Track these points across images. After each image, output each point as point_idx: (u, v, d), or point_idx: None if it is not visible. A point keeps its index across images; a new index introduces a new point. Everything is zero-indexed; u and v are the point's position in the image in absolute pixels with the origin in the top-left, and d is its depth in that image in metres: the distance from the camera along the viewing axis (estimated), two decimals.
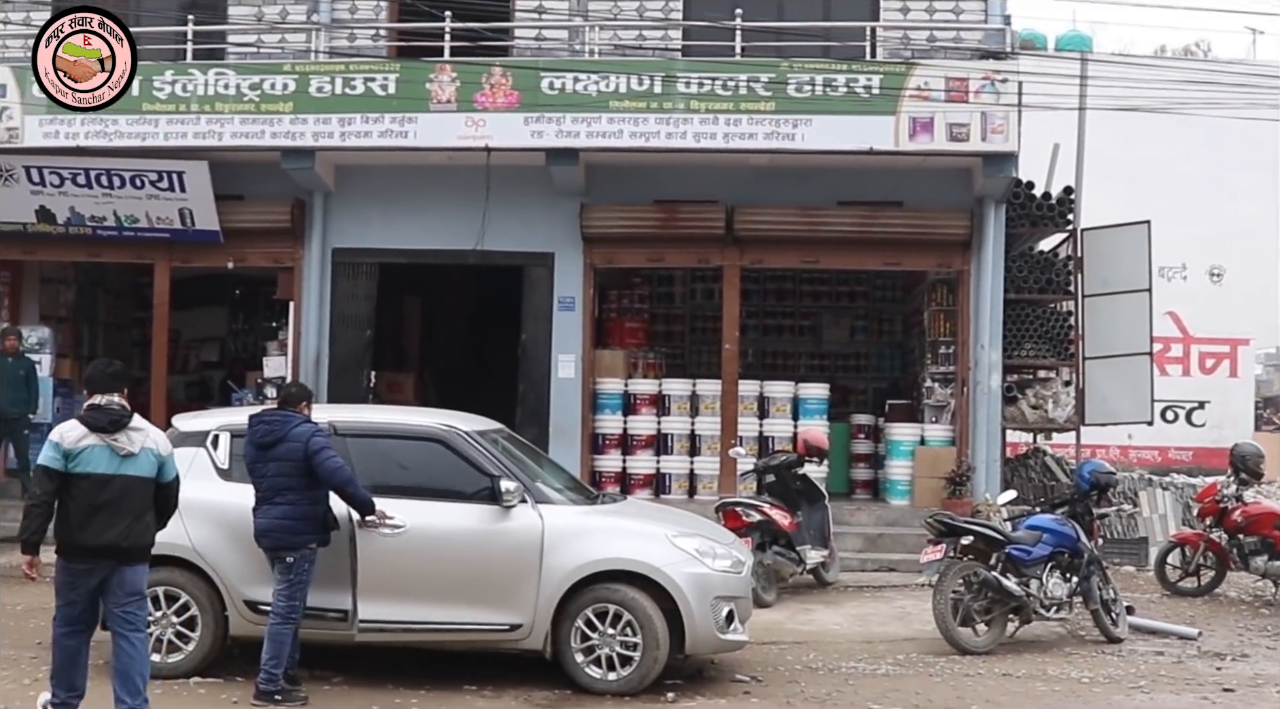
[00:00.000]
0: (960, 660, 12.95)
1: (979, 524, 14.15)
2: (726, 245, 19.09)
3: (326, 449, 10.95)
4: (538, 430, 18.87)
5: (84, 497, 9.40)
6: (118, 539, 9.44)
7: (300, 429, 11.06)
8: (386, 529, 11.17)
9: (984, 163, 17.92)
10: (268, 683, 10.88)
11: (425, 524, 11.34)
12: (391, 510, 11.20)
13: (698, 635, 11.31)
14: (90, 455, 9.44)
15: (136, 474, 9.55)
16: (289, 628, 10.96)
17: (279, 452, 11.03)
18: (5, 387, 19.19)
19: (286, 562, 10.92)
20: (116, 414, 9.57)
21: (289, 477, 11.00)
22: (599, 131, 17.99)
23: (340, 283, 19.73)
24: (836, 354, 23.82)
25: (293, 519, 10.96)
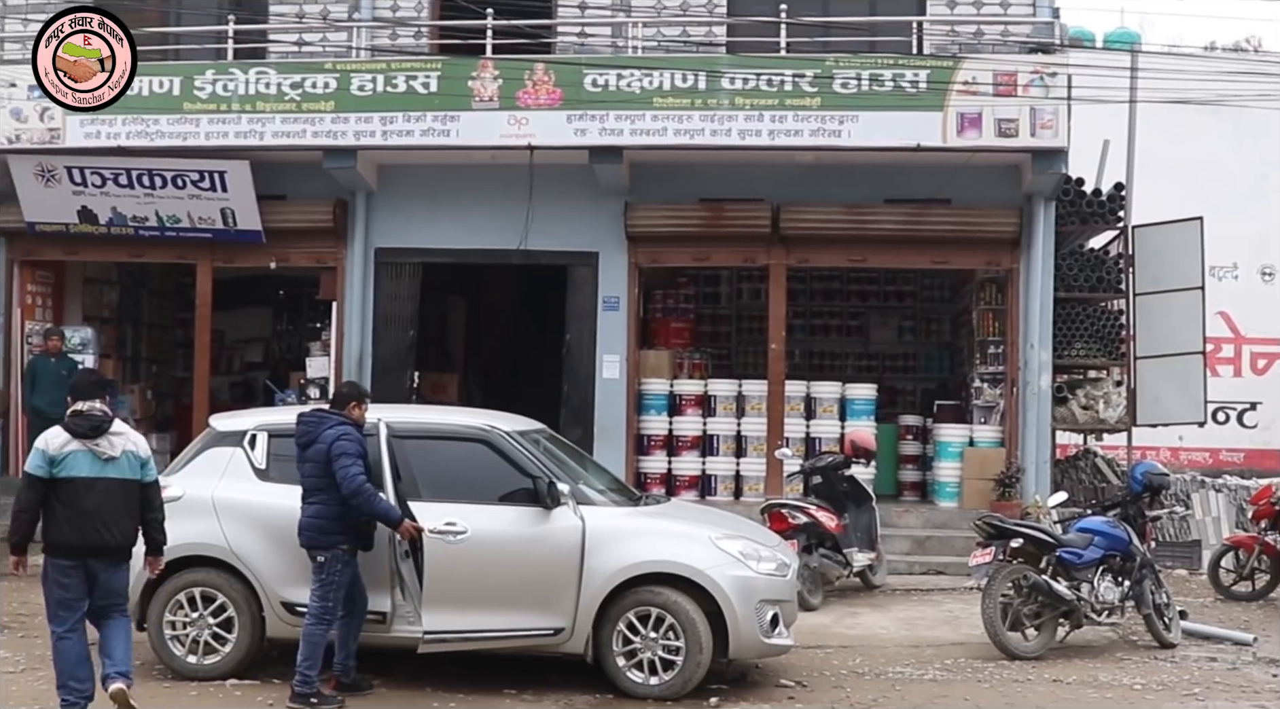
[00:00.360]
0: (1009, 666, 12.68)
1: (1029, 526, 13.87)
2: (772, 244, 18.88)
3: (346, 456, 10.75)
4: (582, 431, 18.76)
5: (69, 500, 9.81)
6: (101, 539, 9.86)
7: (329, 432, 10.92)
8: (442, 537, 10.96)
9: (1033, 159, 17.67)
10: (303, 685, 10.75)
11: (480, 528, 11.12)
12: (450, 516, 11.05)
13: (741, 640, 11.08)
14: (73, 460, 9.86)
15: (119, 477, 9.97)
16: (322, 629, 10.83)
17: (310, 452, 10.94)
18: (48, 387, 19.13)
19: (318, 561, 10.80)
20: (98, 420, 9.96)
21: (318, 477, 10.90)
22: (643, 129, 17.83)
23: (383, 283, 19.62)
24: (884, 354, 23.59)
25: (323, 519, 10.85)
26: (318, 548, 10.83)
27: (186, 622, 11.47)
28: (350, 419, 11.12)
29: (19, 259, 20.52)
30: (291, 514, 11.28)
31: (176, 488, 11.64)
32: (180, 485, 11.70)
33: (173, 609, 11.49)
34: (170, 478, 11.90)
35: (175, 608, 11.50)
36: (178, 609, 11.49)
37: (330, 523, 10.83)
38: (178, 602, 11.49)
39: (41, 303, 21.06)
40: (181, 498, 11.56)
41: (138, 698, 10.06)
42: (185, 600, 11.48)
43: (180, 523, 11.34)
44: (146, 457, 10.23)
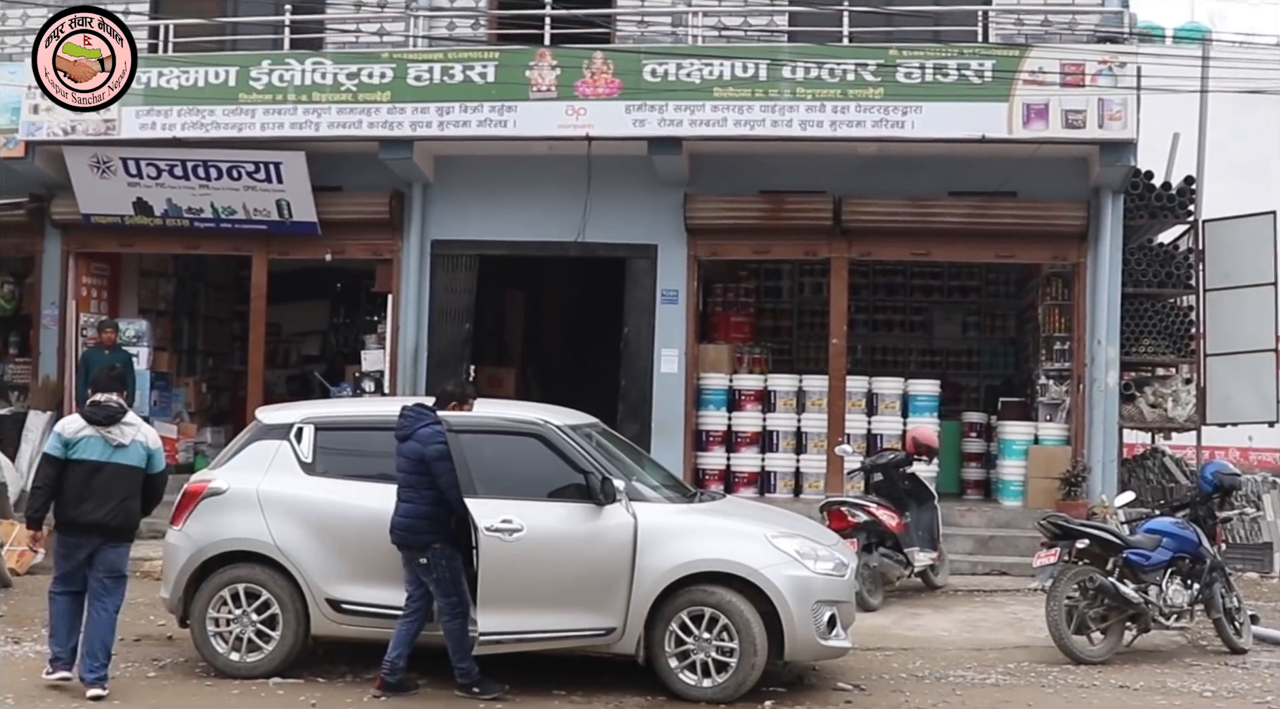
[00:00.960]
0: (1074, 670, 12.29)
1: (1095, 527, 13.47)
2: (834, 237, 18.56)
3: (445, 460, 10.63)
4: (639, 427, 18.53)
5: (78, 480, 10.65)
6: (105, 518, 10.60)
7: (424, 430, 10.81)
8: (498, 535, 10.64)
9: (1101, 151, 17.26)
10: (463, 676, 10.80)
11: (535, 526, 10.78)
12: (506, 512, 10.71)
13: (797, 641, 10.76)
14: (86, 444, 10.70)
15: (125, 463, 10.72)
16: (458, 623, 10.73)
17: (405, 448, 10.84)
18: None
19: (421, 563, 10.71)
20: (112, 410, 10.79)
21: (410, 473, 10.79)
22: (702, 120, 17.56)
23: (439, 275, 19.43)
24: (948, 350, 23.20)
25: (413, 517, 10.74)
26: (410, 548, 10.74)
27: (230, 619, 11.24)
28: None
29: (74, 251, 20.44)
30: (338, 509, 11.17)
31: (221, 482, 11.51)
32: (225, 479, 11.54)
33: (216, 606, 11.26)
34: (215, 472, 11.78)
35: (219, 604, 11.26)
36: (221, 606, 11.26)
37: (420, 522, 10.71)
38: (221, 598, 11.26)
39: (96, 295, 20.97)
40: (226, 492, 11.42)
41: (178, 696, 10.26)
42: (229, 597, 11.25)
43: (225, 518, 11.35)
44: (155, 448, 10.91)
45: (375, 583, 11.06)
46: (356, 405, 13.80)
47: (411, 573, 10.83)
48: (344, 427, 11.85)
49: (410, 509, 10.73)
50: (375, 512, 11.06)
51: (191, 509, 11.47)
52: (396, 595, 10.94)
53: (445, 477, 10.61)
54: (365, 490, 11.26)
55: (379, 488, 11.18)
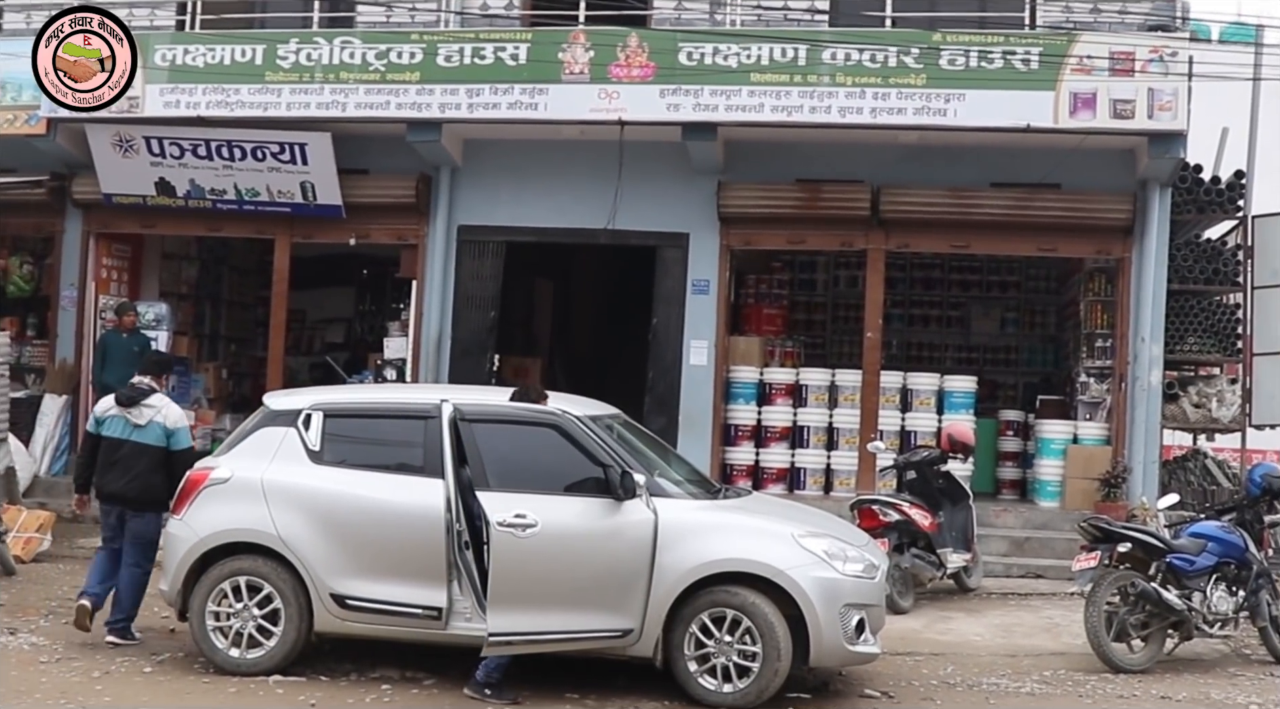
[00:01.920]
0: (1113, 679, 11.76)
1: (1137, 530, 12.88)
2: (871, 228, 18.07)
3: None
4: (666, 419, 18.12)
5: (105, 454, 11.93)
6: (124, 489, 11.80)
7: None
8: (511, 531, 10.20)
9: (1149, 143, 16.71)
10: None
11: (550, 521, 10.33)
12: (519, 507, 10.27)
13: (824, 646, 10.24)
14: (111, 423, 11.98)
15: (142, 441, 11.81)
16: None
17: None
18: (118, 364, 18.65)
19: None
20: (139, 392, 11.95)
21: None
22: (738, 105, 17.09)
23: (465, 262, 19.00)
24: (986, 346, 22.68)
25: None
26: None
27: (230, 613, 10.79)
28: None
29: (95, 231, 20.12)
30: (346, 500, 10.75)
31: (225, 469, 11.09)
32: (229, 467, 11.11)
33: (216, 599, 10.82)
34: (219, 459, 11.37)
35: (219, 598, 10.82)
36: (221, 599, 10.82)
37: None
38: (222, 591, 10.82)
39: (117, 277, 20.64)
40: (230, 480, 10.99)
41: (172, 694, 9.97)
42: (230, 590, 10.80)
43: (226, 507, 10.95)
44: (175, 428, 11.89)
45: (383, 578, 10.60)
46: (368, 392, 13.34)
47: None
48: (355, 413, 11.36)
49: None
50: (385, 504, 10.68)
51: (193, 498, 11.04)
52: (405, 591, 10.53)
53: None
54: (375, 481, 10.80)
55: (390, 478, 10.80)
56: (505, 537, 10.17)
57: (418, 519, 10.57)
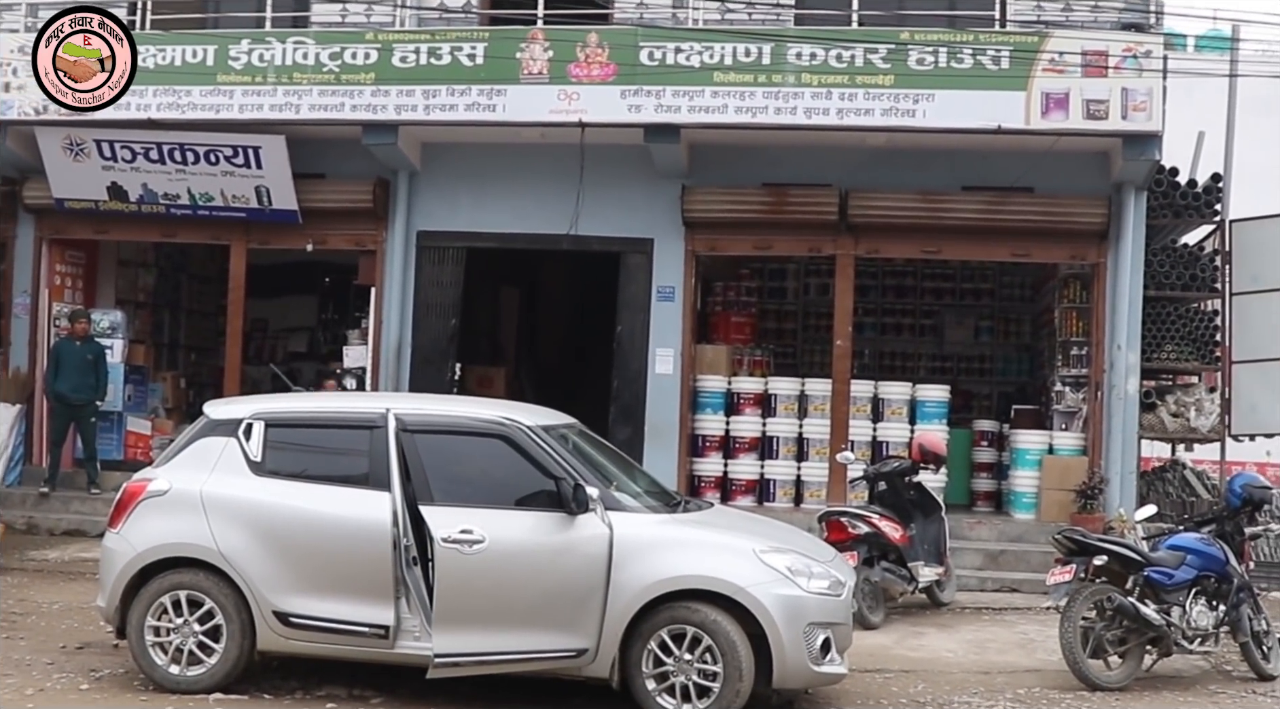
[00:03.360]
0: (1090, 698, 11.31)
1: (1114, 542, 12.43)
2: (840, 233, 17.67)
3: None
4: (632, 430, 17.73)
5: None
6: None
7: None
8: (457, 547, 9.79)
9: (1124, 144, 16.31)
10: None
11: (499, 537, 9.88)
12: (466, 522, 9.84)
13: (787, 666, 9.75)
14: None
15: None
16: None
17: None
18: (71, 372, 18.36)
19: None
20: None
21: None
22: (702, 106, 16.69)
23: (425, 268, 18.57)
24: (959, 355, 22.26)
25: None
26: None
27: (170, 628, 10.27)
28: None
29: (48, 237, 19.68)
30: (288, 512, 10.26)
31: (163, 481, 10.59)
32: (167, 478, 10.59)
33: (155, 614, 10.30)
34: (157, 470, 10.87)
35: (159, 612, 10.30)
36: (161, 614, 10.29)
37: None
38: (161, 606, 10.29)
39: (71, 284, 20.18)
40: (167, 492, 10.49)
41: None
42: (170, 605, 10.28)
43: (165, 520, 10.47)
44: None
45: (328, 595, 10.08)
46: (312, 400, 12.84)
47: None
48: (297, 423, 10.84)
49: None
50: (329, 517, 10.19)
51: (130, 510, 10.53)
52: (351, 609, 10.01)
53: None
54: (319, 493, 10.31)
55: (334, 491, 10.31)
56: (450, 553, 9.72)
57: (362, 533, 10.08)
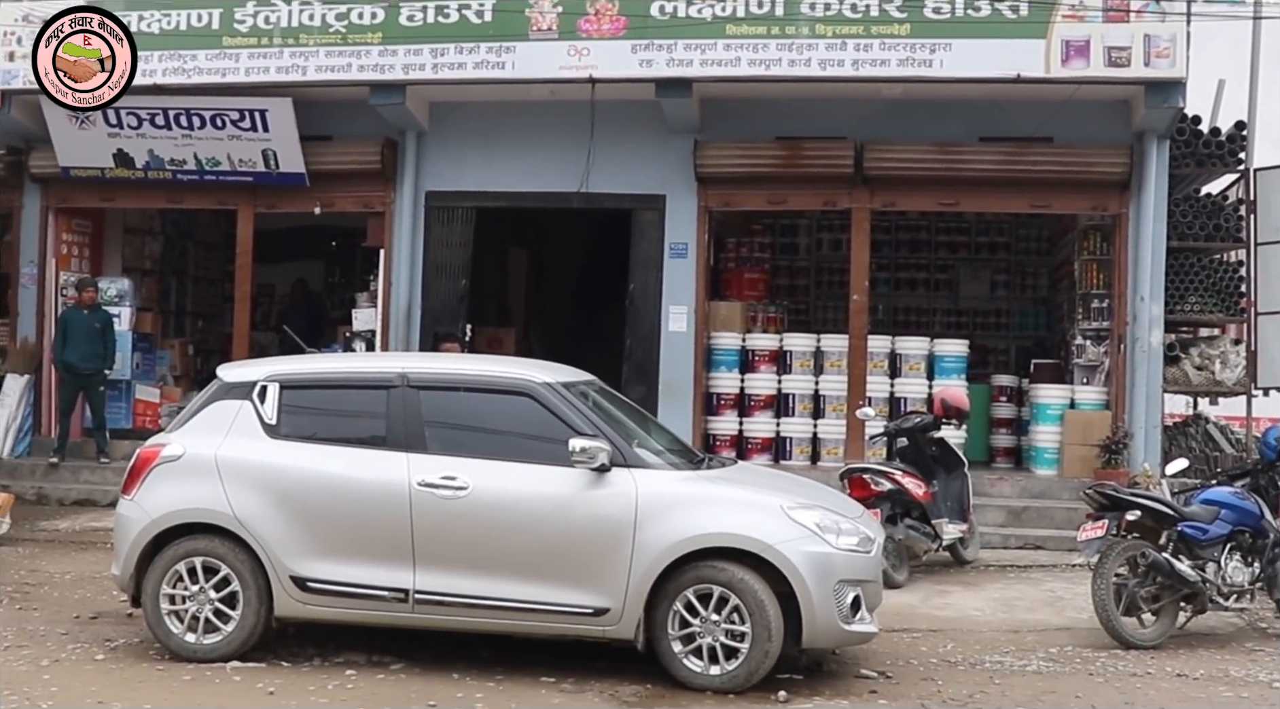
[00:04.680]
0: (1124, 656, 11.06)
1: (1147, 497, 12.11)
2: (855, 186, 17.37)
3: None
4: (646, 389, 17.50)
5: None
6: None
7: None
8: (446, 491, 9.63)
9: (1146, 92, 16.03)
10: None
11: (494, 488, 9.74)
12: (454, 470, 9.72)
13: (817, 625, 9.52)
14: None
15: None
16: None
17: None
18: (79, 340, 18.17)
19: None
20: None
21: None
22: (714, 59, 16.42)
23: (434, 229, 18.32)
24: (975, 310, 22.03)
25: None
26: None
27: (186, 596, 10.05)
28: None
29: (54, 206, 19.49)
30: (303, 475, 10.04)
31: (176, 446, 10.35)
32: (181, 443, 10.36)
33: (171, 581, 10.07)
34: (171, 435, 10.61)
35: (174, 580, 10.08)
36: (176, 581, 10.07)
37: None
38: (176, 573, 10.07)
39: (78, 253, 20.00)
40: (181, 457, 10.25)
41: (122, 683, 9.40)
42: (185, 572, 10.06)
43: (179, 485, 10.22)
44: None
45: (345, 559, 9.88)
46: (327, 362, 12.62)
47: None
48: (313, 384, 10.61)
49: None
50: (346, 479, 9.98)
51: (144, 476, 10.30)
52: (370, 573, 9.81)
53: None
54: (334, 455, 10.11)
55: (349, 452, 10.11)
56: (426, 496, 9.72)
57: (380, 495, 9.87)
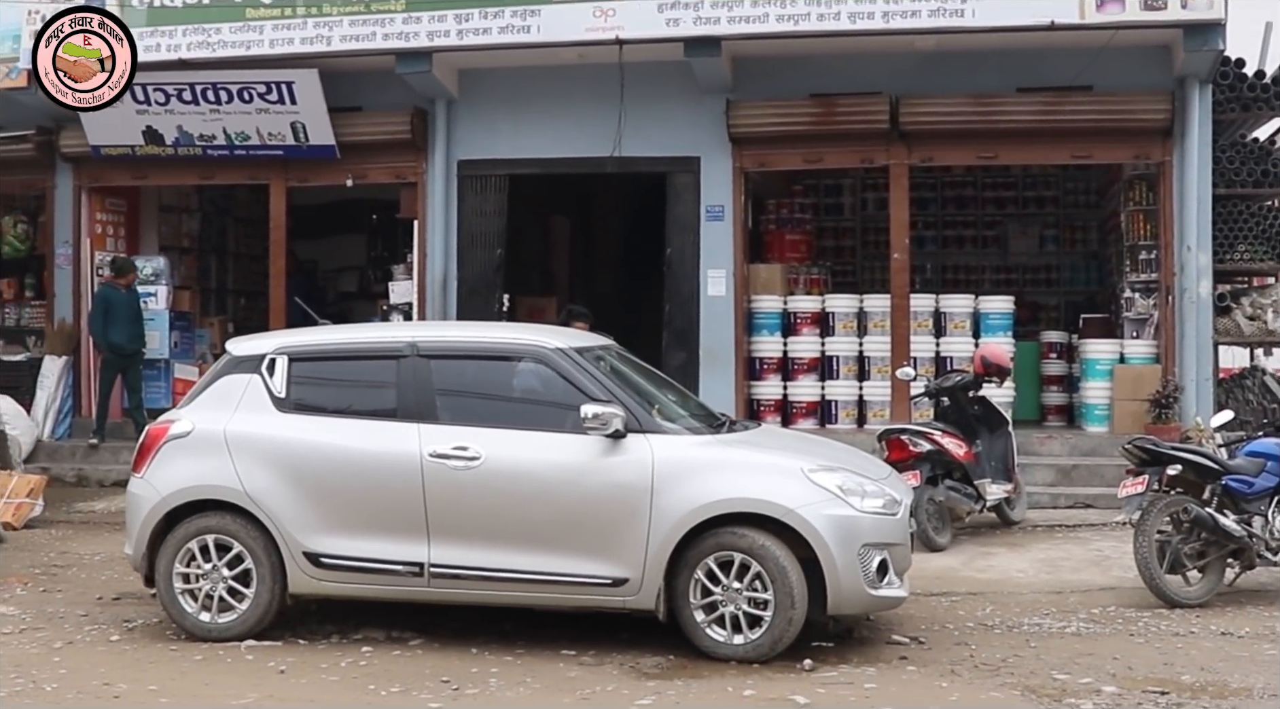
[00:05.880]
0: (1168, 615, 10.72)
1: (1188, 450, 11.76)
2: (892, 141, 17.00)
3: None
4: (686, 355, 17.27)
5: None
6: None
7: None
8: (458, 462, 9.42)
9: (1185, 35, 15.56)
10: None
11: (507, 457, 9.52)
12: (466, 440, 9.51)
13: (842, 591, 9.21)
14: None
15: None
16: None
17: None
18: (123, 321, 18.11)
19: None
20: None
21: None
22: (742, 16, 16.07)
23: (468, 198, 18.10)
24: (1024, 266, 21.59)
25: None
26: None
27: (199, 574, 9.90)
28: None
29: (86, 186, 19.40)
30: (314, 449, 9.86)
31: (185, 422, 10.21)
32: (190, 419, 10.21)
33: (184, 560, 9.93)
34: (180, 411, 10.45)
35: (186, 559, 9.93)
36: (189, 560, 9.93)
37: None
38: (189, 552, 9.92)
39: (113, 232, 19.91)
40: (190, 433, 10.11)
41: (133, 664, 9.33)
42: (198, 550, 9.91)
43: (189, 462, 10.08)
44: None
45: (359, 533, 9.69)
46: (337, 332, 12.37)
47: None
48: (322, 356, 10.42)
49: None
50: (356, 451, 9.80)
51: (154, 454, 10.15)
52: (384, 547, 9.63)
53: None
54: (345, 427, 9.93)
55: (361, 424, 9.94)
56: (438, 467, 9.50)
57: (392, 468, 9.67)
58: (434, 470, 9.54)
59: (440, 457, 9.54)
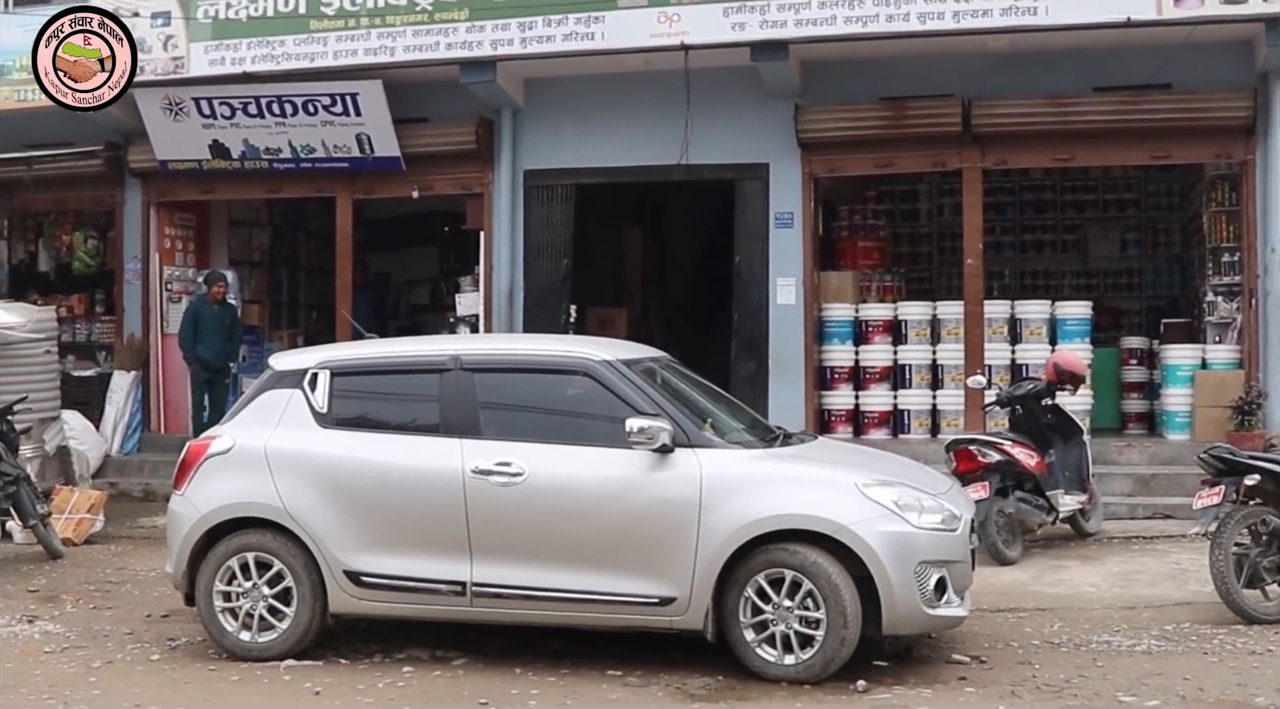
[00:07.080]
0: (1245, 632, 10.28)
1: (1266, 459, 11.32)
2: (965, 145, 16.64)
3: None
4: (755, 364, 17.01)
5: None
6: None
7: None
8: (501, 478, 9.19)
9: (1267, 29, 15.07)
10: None
11: (551, 473, 9.27)
12: (509, 455, 9.27)
13: (897, 610, 8.88)
14: None
15: None
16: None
17: None
18: (212, 337, 18.12)
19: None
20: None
21: None
22: (809, 19, 15.76)
23: (534, 208, 17.93)
24: (1105, 271, 21.08)
25: None
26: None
27: (240, 592, 9.73)
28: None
29: (155, 201, 19.50)
30: (355, 465, 9.65)
31: (226, 439, 10.04)
32: (230, 436, 10.03)
33: (224, 578, 9.77)
34: (222, 428, 10.28)
35: (227, 577, 9.76)
36: (230, 578, 9.76)
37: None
38: (229, 570, 9.76)
39: (182, 247, 19.97)
40: (231, 450, 9.93)
41: (169, 684, 9.22)
42: (238, 568, 9.74)
43: (230, 479, 9.89)
44: None
45: (400, 551, 9.48)
46: (381, 346, 12.16)
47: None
48: (364, 370, 10.21)
49: None
50: (397, 468, 9.58)
51: (194, 471, 9.99)
52: (426, 566, 9.41)
53: None
54: (386, 443, 9.71)
55: (403, 440, 9.71)
56: (480, 484, 9.26)
57: (434, 485, 9.45)
58: (476, 487, 9.30)
59: (483, 472, 9.30)
